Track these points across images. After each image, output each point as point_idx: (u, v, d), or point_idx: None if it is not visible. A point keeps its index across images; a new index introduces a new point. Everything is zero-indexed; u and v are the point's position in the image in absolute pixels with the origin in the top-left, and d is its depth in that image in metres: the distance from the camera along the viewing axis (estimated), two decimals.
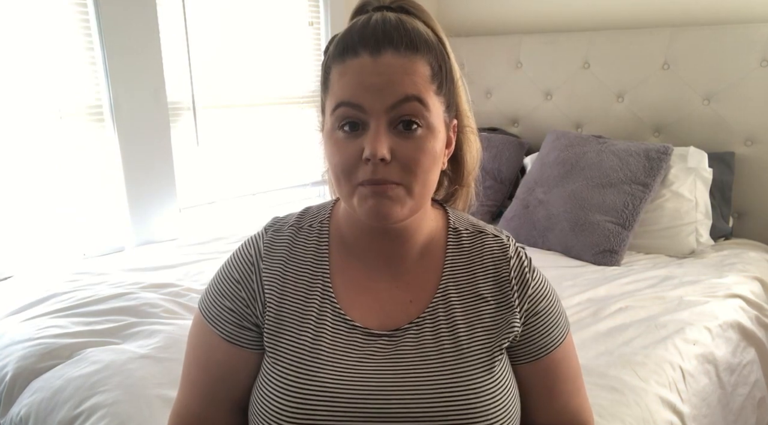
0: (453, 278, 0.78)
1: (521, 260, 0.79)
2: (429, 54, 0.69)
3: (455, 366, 0.72)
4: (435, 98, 0.70)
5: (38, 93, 1.81)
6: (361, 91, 0.67)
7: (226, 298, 0.78)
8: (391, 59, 0.67)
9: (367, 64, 0.67)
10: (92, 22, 1.87)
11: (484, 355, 0.74)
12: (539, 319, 0.78)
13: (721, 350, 1.43)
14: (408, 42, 0.68)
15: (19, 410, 1.17)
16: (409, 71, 0.67)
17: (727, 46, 2.09)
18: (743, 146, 2.12)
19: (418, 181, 0.69)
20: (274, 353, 0.75)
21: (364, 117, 0.68)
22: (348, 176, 0.69)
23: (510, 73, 2.62)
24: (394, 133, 0.68)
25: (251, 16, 2.33)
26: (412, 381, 0.71)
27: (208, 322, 0.78)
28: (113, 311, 1.43)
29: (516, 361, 0.79)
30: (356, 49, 0.68)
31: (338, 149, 0.69)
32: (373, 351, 0.73)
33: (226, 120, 2.33)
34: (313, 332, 0.74)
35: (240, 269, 0.79)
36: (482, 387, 0.71)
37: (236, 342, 0.77)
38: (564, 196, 2.03)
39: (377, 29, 0.68)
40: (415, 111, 0.68)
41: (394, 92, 0.67)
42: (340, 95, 0.68)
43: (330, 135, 0.71)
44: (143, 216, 2.09)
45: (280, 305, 0.76)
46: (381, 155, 0.66)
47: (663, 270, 1.81)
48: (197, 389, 0.78)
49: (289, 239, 0.80)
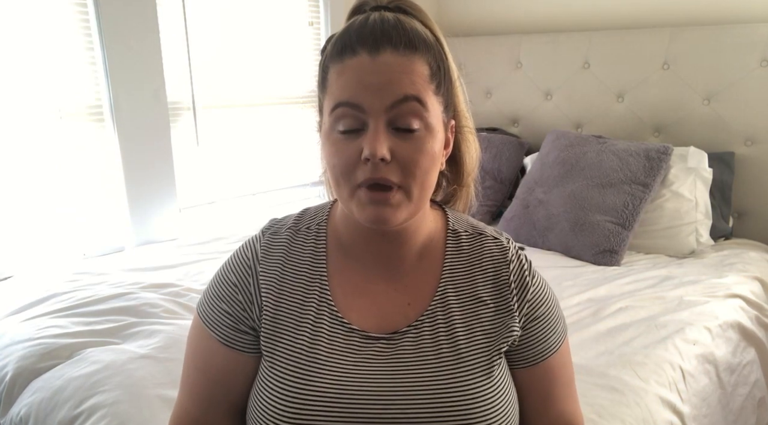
0: (452, 281, 0.77)
1: (521, 263, 0.79)
2: (427, 53, 0.69)
3: (453, 370, 0.71)
4: (433, 98, 0.69)
5: (38, 93, 1.80)
6: (359, 91, 0.66)
7: (223, 301, 0.77)
8: (389, 58, 0.66)
9: (366, 63, 0.66)
10: (92, 22, 1.87)
11: (483, 359, 0.73)
12: (538, 324, 0.78)
13: (721, 350, 1.43)
14: (407, 41, 0.67)
15: (19, 410, 1.17)
16: (408, 71, 0.67)
17: (727, 46, 2.09)
18: (743, 146, 2.12)
19: (416, 182, 0.69)
20: (271, 356, 0.74)
21: (363, 117, 0.67)
22: (347, 177, 0.68)
23: (510, 73, 2.62)
24: (393, 133, 0.67)
25: (251, 16, 2.32)
26: (410, 385, 0.70)
27: (206, 325, 0.78)
28: (113, 311, 1.43)
29: (514, 365, 0.78)
30: (354, 49, 0.67)
31: (337, 149, 0.69)
32: (371, 355, 0.73)
33: (226, 120, 2.33)
34: (310, 335, 0.74)
35: (237, 273, 0.78)
36: (480, 391, 0.71)
37: (234, 346, 0.76)
38: (564, 196, 2.03)
39: (376, 28, 0.67)
40: (414, 110, 0.67)
41: (393, 91, 0.66)
42: (338, 95, 0.68)
43: (328, 135, 0.70)
44: (143, 216, 2.09)
45: (277, 309, 0.76)
46: (381, 154, 0.65)
47: (663, 270, 1.81)
48: (195, 392, 0.78)
49: (287, 241, 0.79)
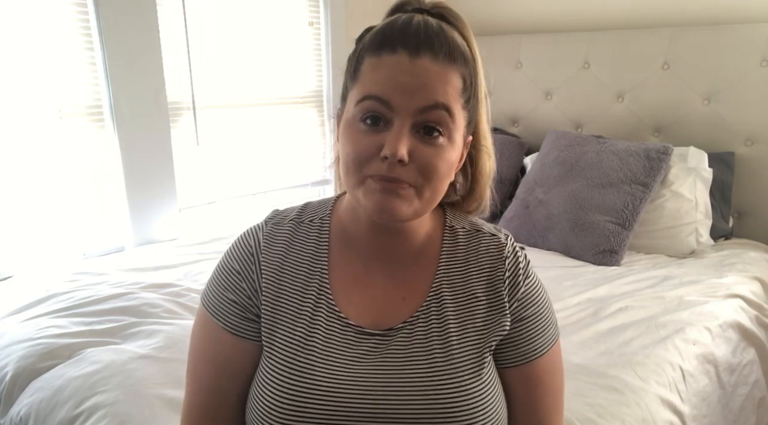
0: (447, 278, 0.78)
1: (517, 260, 0.79)
2: (463, 67, 0.70)
3: (443, 368, 0.72)
4: (461, 112, 0.71)
5: (38, 93, 1.81)
6: (392, 88, 0.67)
7: (228, 291, 0.78)
8: (428, 64, 0.67)
9: (404, 63, 0.67)
10: (92, 22, 1.87)
11: (474, 356, 0.74)
12: (526, 324, 0.77)
13: (721, 350, 1.43)
14: (447, 51, 0.68)
15: (19, 410, 1.17)
16: (443, 80, 0.68)
17: (727, 46, 2.09)
18: (743, 146, 2.12)
19: (430, 186, 0.70)
20: (269, 346, 0.75)
21: (389, 114, 0.68)
22: (359, 166, 0.69)
23: (510, 73, 2.62)
24: (416, 136, 0.68)
25: (251, 17, 2.32)
26: (401, 382, 0.71)
27: (213, 316, 0.78)
28: (113, 311, 1.43)
29: (500, 364, 0.78)
30: (395, 46, 0.68)
31: (355, 139, 0.69)
32: (365, 351, 0.74)
33: (226, 120, 2.33)
34: (307, 327, 0.75)
35: (240, 261, 0.79)
36: (470, 387, 0.72)
37: (241, 334, 0.77)
38: (564, 196, 2.03)
39: (419, 31, 0.68)
40: (441, 119, 0.68)
41: (425, 97, 0.67)
42: (370, 88, 0.68)
43: (350, 124, 0.71)
44: (143, 216, 2.09)
45: (277, 299, 0.77)
46: (401, 155, 0.66)
47: (663, 270, 1.81)
48: (204, 385, 0.78)
49: (289, 232, 0.81)
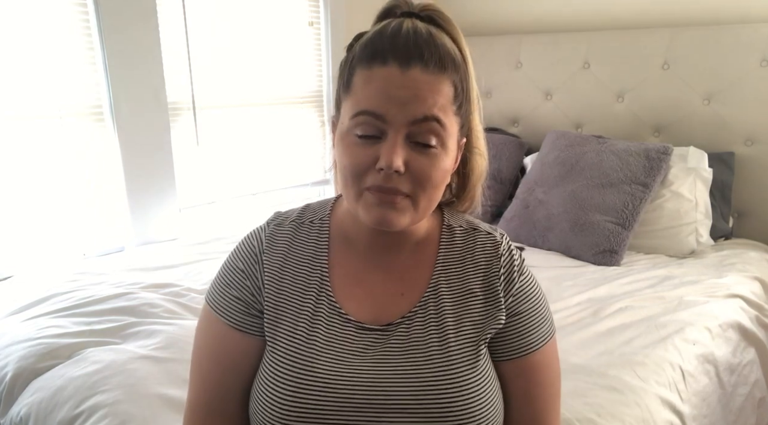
0: (444, 273, 0.80)
1: (512, 257, 0.81)
2: (454, 74, 0.71)
3: (440, 362, 0.74)
4: (453, 118, 0.72)
5: (39, 93, 1.81)
6: (385, 102, 0.68)
7: (232, 288, 0.80)
8: (418, 75, 0.68)
9: (395, 75, 0.68)
10: (92, 23, 1.87)
11: (470, 349, 0.75)
12: (520, 319, 0.79)
13: (721, 350, 1.43)
14: (437, 60, 0.69)
15: (20, 410, 1.17)
16: (435, 90, 0.69)
17: (727, 46, 2.09)
18: (743, 146, 2.12)
19: (425, 195, 0.72)
20: (272, 341, 0.77)
21: (383, 126, 0.69)
22: (357, 179, 0.71)
23: (510, 73, 2.62)
24: (410, 146, 0.70)
25: (251, 17, 2.33)
26: (400, 375, 0.73)
27: (217, 313, 0.80)
28: (113, 311, 1.43)
29: (497, 357, 0.79)
30: (385, 58, 0.69)
31: (352, 152, 0.71)
32: (365, 346, 0.76)
33: (226, 120, 2.33)
34: (309, 323, 0.77)
35: (244, 260, 0.81)
36: (466, 380, 0.73)
37: (245, 330, 0.79)
38: (564, 196, 2.03)
39: (409, 41, 0.69)
40: (433, 130, 0.70)
41: (417, 109, 0.68)
42: (364, 103, 0.70)
43: (345, 136, 0.72)
44: (143, 216, 2.09)
45: (279, 297, 0.78)
46: (396, 167, 0.68)
47: (663, 270, 1.81)
48: (209, 382, 0.80)
49: (291, 233, 0.83)
